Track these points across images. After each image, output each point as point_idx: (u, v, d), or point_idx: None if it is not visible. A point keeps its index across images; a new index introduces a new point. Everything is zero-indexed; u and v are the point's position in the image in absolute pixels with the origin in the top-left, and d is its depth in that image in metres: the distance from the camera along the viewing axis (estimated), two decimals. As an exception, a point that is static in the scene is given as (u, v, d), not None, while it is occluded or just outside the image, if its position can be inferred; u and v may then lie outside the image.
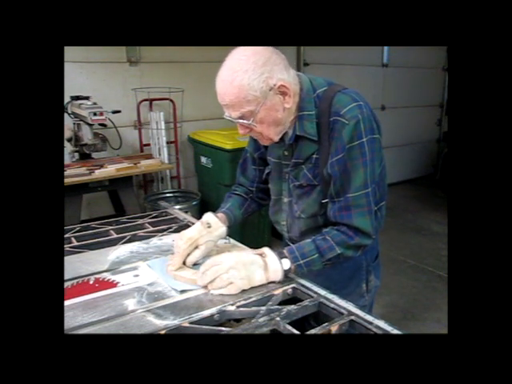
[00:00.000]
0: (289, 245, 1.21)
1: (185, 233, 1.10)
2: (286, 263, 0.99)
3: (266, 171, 1.23)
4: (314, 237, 1.03)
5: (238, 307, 0.90)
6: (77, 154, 2.74)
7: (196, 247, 1.08)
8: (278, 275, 0.99)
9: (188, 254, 1.08)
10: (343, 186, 1.01)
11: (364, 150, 0.99)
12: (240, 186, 1.32)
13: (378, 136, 1.02)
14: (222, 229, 1.14)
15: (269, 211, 1.27)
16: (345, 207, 1.02)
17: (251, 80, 0.93)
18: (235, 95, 0.95)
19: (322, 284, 0.99)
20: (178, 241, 1.09)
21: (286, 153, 1.12)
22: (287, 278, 1.00)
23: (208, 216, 1.15)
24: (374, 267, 1.21)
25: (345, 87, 1.05)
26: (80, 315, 0.88)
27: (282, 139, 1.09)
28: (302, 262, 1.00)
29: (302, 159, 1.08)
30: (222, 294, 0.95)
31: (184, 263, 1.08)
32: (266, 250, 1.01)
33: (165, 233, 1.39)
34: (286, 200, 1.17)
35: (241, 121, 0.99)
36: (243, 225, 3.06)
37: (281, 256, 0.99)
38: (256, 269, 0.97)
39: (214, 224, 1.12)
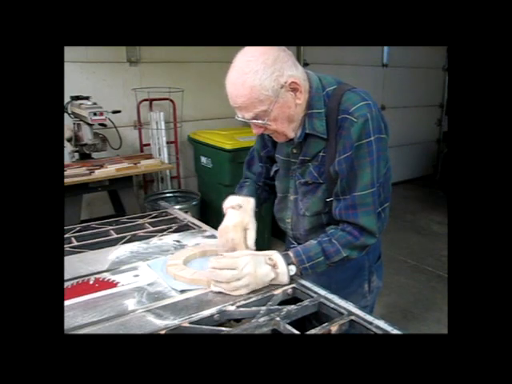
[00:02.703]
0: (292, 243, 1.22)
1: (227, 225, 1.10)
2: (293, 269, 0.99)
3: (274, 169, 1.23)
4: (320, 238, 1.03)
5: (238, 307, 0.90)
6: (77, 154, 2.74)
7: (246, 230, 1.10)
8: (282, 282, 0.99)
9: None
10: (349, 184, 1.01)
11: (371, 149, 0.99)
12: (248, 179, 1.33)
13: (385, 136, 1.03)
14: (251, 200, 1.16)
15: (274, 208, 1.27)
16: (351, 206, 1.02)
17: (262, 80, 0.93)
18: (247, 96, 0.95)
19: (324, 284, 0.99)
20: (229, 234, 1.09)
21: (295, 150, 1.12)
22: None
23: (232, 199, 1.16)
24: (377, 268, 1.21)
25: (354, 86, 1.05)
26: (80, 315, 0.88)
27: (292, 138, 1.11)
28: (307, 264, 1.00)
29: (309, 157, 1.09)
30: (222, 294, 0.95)
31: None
32: (278, 259, 0.99)
33: (165, 233, 1.39)
34: (292, 198, 1.17)
35: (254, 121, 0.99)
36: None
37: (288, 261, 0.99)
38: (266, 281, 0.97)
39: (242, 202, 1.14)
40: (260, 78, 0.93)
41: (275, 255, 0.99)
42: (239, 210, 1.12)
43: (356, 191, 1.01)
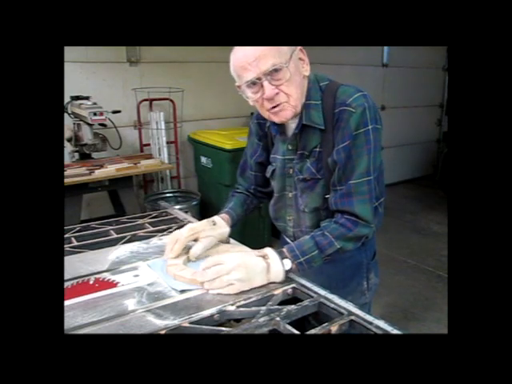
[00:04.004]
0: (288, 242, 1.22)
1: (188, 225, 1.14)
2: (287, 263, 0.99)
3: (271, 169, 1.23)
4: (313, 233, 1.04)
5: (238, 307, 0.90)
6: (77, 154, 2.74)
7: (196, 240, 1.11)
8: (279, 276, 0.98)
9: (189, 249, 1.10)
10: (346, 173, 1.02)
11: (369, 138, 1.01)
12: (240, 186, 1.36)
13: (380, 126, 1.04)
14: (226, 229, 1.18)
15: (269, 209, 1.27)
16: (346, 194, 1.03)
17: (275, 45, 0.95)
18: (268, 47, 0.95)
19: (323, 283, 0.99)
20: (181, 230, 1.12)
21: (290, 147, 1.13)
22: (287, 277, 1.00)
23: (215, 217, 1.20)
24: (373, 265, 1.22)
25: (346, 84, 1.08)
26: (80, 315, 0.88)
27: (285, 134, 1.13)
28: (302, 259, 1.00)
29: (307, 151, 1.10)
30: (221, 294, 0.95)
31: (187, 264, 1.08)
32: (268, 251, 1.00)
33: (165, 233, 1.38)
34: (290, 195, 1.18)
35: (268, 77, 0.97)
36: (243, 225, 3.06)
37: (282, 256, 0.99)
38: (258, 271, 0.96)
39: (218, 222, 1.17)
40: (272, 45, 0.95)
41: (266, 249, 1.01)
42: (210, 224, 1.14)
43: (352, 179, 1.02)
